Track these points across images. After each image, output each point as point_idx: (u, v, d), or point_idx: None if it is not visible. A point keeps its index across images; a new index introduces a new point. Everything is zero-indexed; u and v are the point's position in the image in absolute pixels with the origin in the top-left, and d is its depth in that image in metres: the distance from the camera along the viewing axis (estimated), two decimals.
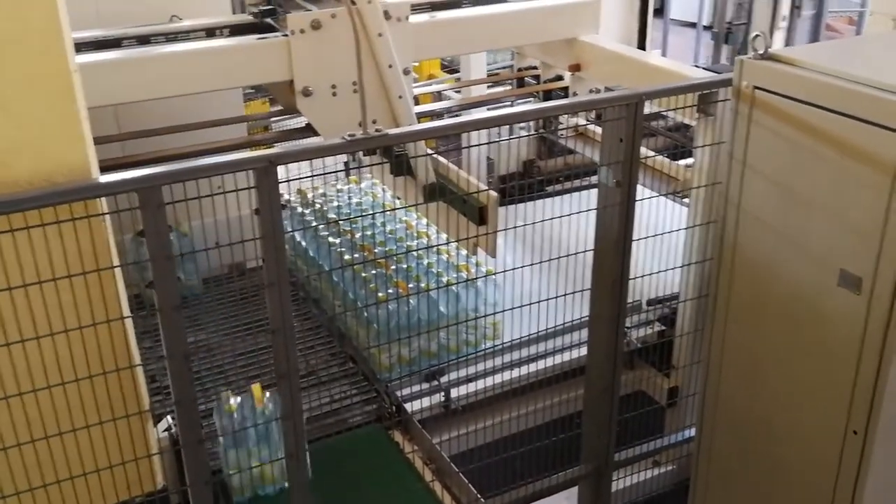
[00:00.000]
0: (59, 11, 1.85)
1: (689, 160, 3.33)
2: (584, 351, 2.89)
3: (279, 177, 2.05)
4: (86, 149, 1.95)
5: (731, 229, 2.54)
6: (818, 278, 2.28)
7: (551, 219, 2.49)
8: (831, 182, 2.20)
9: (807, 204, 2.28)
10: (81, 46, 2.86)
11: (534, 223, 2.51)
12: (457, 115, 3.97)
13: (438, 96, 5.08)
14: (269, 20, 3.20)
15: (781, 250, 2.39)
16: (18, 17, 1.81)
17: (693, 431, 2.95)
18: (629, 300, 2.73)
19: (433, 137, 3.48)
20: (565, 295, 2.62)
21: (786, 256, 2.38)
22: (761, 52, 2.37)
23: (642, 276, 2.70)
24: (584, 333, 2.88)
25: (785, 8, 5.52)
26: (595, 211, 2.58)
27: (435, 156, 3.07)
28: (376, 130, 2.25)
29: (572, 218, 2.52)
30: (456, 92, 4.77)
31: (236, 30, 3.23)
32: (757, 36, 2.40)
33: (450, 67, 6.78)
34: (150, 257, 1.96)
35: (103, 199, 1.97)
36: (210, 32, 3.20)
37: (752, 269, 2.51)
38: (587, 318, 2.76)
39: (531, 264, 2.56)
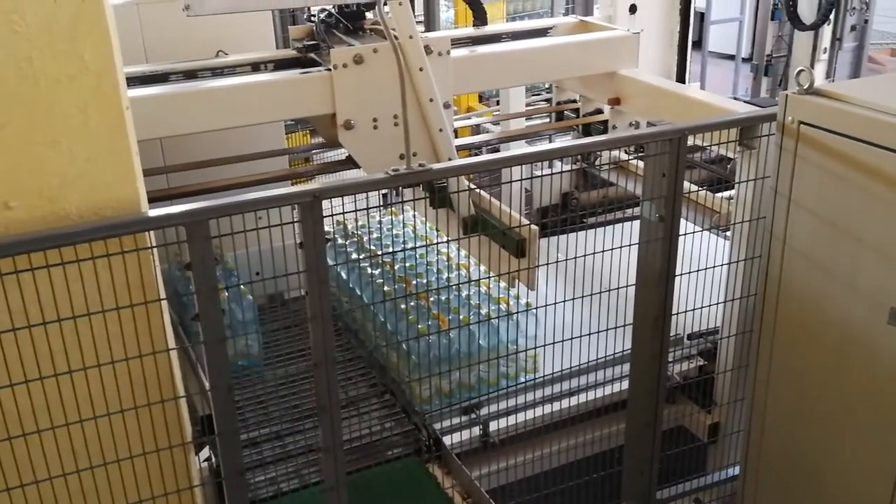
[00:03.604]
0: (113, 48, 1.89)
1: (729, 192, 3.30)
2: (624, 385, 2.86)
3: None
4: (136, 183, 1.98)
5: (776, 265, 2.50)
6: (868, 316, 2.24)
7: (593, 253, 2.48)
8: (882, 218, 2.17)
9: (856, 240, 2.25)
10: (129, 81, 2.91)
11: (575, 258, 2.50)
12: (496, 149, 3.98)
13: (477, 129, 5.11)
14: (312, 55, 3.25)
15: (829, 287, 2.35)
16: (73, 54, 1.84)
17: (737, 469, 2.89)
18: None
19: (476, 172, 3.49)
20: (606, 330, 2.59)
21: (833, 293, 2.34)
22: (806, 87, 2.35)
23: (685, 312, 2.67)
24: (625, 367, 2.84)
25: (826, 40, 5.48)
26: (636, 245, 2.56)
27: (476, 189, 3.07)
28: (419, 165, 2.26)
29: (613, 250, 2.51)
30: (494, 124, 4.78)
31: (280, 64, 3.29)
32: (802, 71, 2.37)
33: (488, 100, 6.82)
34: (196, 290, 1.99)
35: (151, 231, 2.00)
36: (255, 67, 3.26)
37: (797, 306, 2.47)
38: (628, 352, 2.73)
39: (572, 299, 2.54)
